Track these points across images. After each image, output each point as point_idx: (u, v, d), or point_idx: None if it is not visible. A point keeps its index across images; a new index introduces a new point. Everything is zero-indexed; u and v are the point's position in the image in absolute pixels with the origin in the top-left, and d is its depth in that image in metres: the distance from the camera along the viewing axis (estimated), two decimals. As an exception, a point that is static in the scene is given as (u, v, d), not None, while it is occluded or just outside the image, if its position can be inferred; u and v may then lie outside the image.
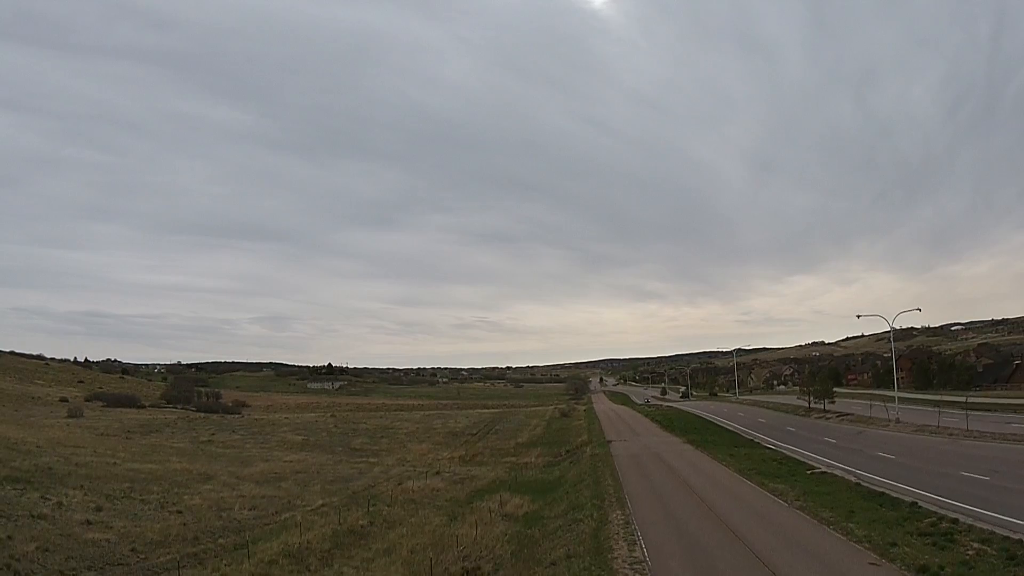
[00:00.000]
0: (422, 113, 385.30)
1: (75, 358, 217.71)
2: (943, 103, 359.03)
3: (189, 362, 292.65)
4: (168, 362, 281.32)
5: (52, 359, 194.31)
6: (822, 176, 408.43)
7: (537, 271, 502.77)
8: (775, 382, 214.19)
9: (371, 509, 32.14)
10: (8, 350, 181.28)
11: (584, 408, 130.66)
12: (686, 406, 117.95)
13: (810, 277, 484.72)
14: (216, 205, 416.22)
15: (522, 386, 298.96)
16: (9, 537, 22.22)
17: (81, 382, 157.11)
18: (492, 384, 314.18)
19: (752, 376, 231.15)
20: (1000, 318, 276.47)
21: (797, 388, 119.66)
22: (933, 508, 22.47)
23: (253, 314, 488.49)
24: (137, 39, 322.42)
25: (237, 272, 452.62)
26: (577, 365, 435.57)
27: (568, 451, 57.06)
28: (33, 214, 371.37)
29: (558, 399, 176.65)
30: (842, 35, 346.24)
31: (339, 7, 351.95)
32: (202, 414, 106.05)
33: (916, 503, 23.52)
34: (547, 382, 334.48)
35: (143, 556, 22.69)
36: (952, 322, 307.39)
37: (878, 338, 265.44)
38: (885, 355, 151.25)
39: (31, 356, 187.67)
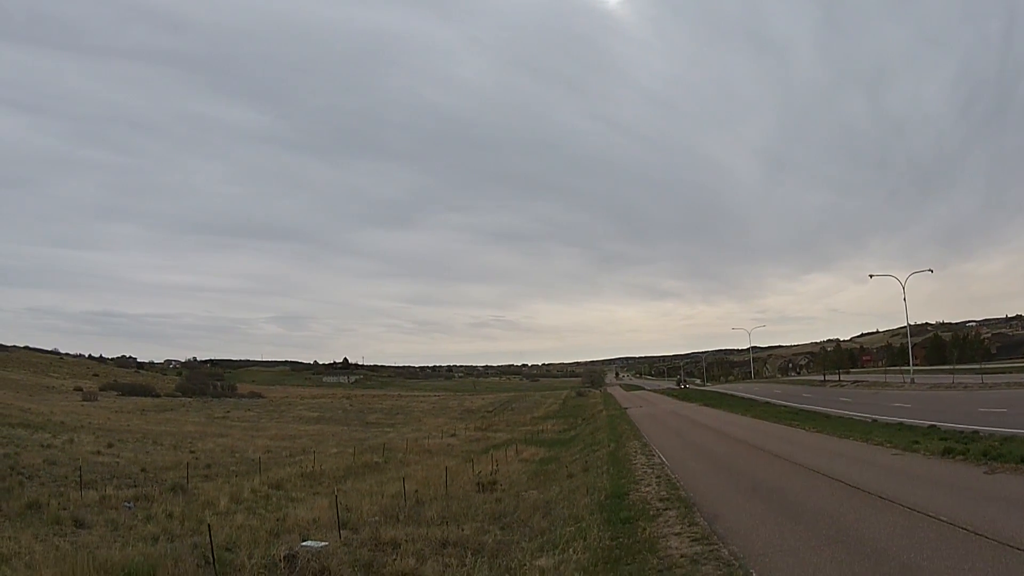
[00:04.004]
0: (436, 113, 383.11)
1: (89, 354, 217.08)
2: (955, 102, 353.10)
3: (205, 358, 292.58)
4: (183, 359, 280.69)
5: (67, 354, 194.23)
6: (835, 174, 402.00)
7: (552, 270, 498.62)
8: (789, 365, 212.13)
9: (385, 454, 32.01)
10: (23, 345, 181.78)
11: (600, 391, 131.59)
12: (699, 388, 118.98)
13: (825, 275, 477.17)
14: (231, 205, 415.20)
15: (538, 380, 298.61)
16: (16, 454, 22.28)
17: (96, 375, 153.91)
18: (508, 379, 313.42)
19: (767, 366, 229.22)
20: (1013, 315, 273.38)
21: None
22: (951, 430, 22.06)
23: (269, 313, 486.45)
24: (151, 41, 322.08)
25: (252, 272, 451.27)
26: (592, 363, 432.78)
27: (584, 419, 56.82)
28: (48, 215, 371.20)
29: (573, 389, 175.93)
30: (854, 34, 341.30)
31: (353, 8, 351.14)
32: (217, 400, 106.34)
33: (934, 426, 23.10)
34: (562, 377, 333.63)
35: (151, 475, 22.62)
36: (966, 319, 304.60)
37: (893, 334, 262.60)
38: (901, 346, 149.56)
39: (46, 351, 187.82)
